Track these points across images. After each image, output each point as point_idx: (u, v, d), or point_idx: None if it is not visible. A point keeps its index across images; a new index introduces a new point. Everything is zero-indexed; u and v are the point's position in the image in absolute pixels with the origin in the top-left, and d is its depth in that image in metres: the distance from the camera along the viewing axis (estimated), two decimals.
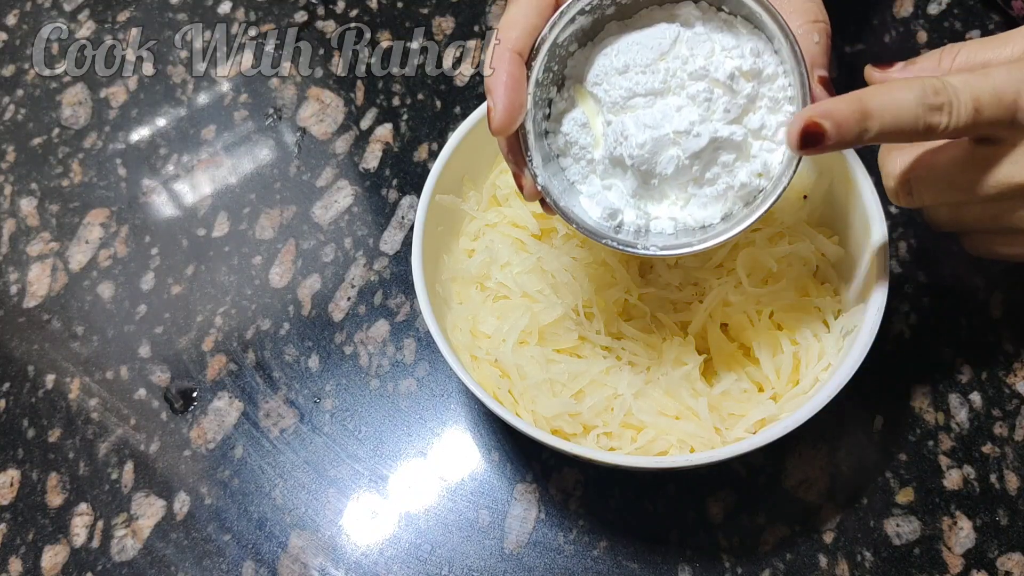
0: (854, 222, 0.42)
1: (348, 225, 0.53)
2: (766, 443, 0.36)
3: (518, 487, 0.45)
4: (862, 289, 0.40)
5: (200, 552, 0.45)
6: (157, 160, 0.56)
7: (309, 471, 0.46)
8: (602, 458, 0.37)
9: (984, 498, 0.43)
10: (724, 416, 0.40)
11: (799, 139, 0.32)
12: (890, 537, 0.42)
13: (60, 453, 0.48)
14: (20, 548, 0.46)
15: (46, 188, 0.56)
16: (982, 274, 0.48)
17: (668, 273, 0.46)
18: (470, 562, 0.43)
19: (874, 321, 0.38)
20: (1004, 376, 0.45)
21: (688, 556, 0.43)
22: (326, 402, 0.48)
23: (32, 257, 0.54)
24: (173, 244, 0.54)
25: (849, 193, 0.42)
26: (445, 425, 0.47)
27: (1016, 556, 0.42)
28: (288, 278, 0.52)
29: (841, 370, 0.37)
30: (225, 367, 0.50)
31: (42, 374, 0.51)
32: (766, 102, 0.36)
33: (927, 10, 0.56)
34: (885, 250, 0.39)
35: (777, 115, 0.36)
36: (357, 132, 0.56)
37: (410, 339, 0.49)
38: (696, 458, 0.37)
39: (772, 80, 0.35)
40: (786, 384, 0.41)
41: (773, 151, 0.36)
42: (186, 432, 0.48)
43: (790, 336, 0.41)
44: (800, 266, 0.43)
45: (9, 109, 0.59)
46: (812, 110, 0.33)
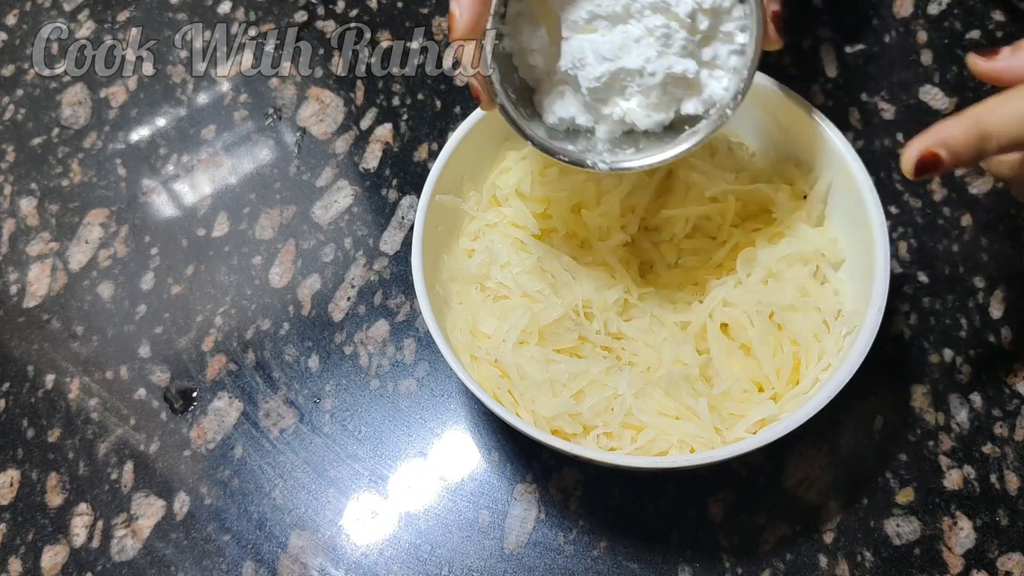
0: (854, 222, 0.42)
1: (348, 225, 0.53)
2: (766, 443, 0.36)
3: (518, 487, 0.45)
4: (862, 289, 0.40)
5: (200, 552, 0.45)
6: (157, 160, 0.56)
7: (309, 471, 0.46)
8: (602, 458, 0.37)
9: (984, 498, 0.43)
10: (724, 416, 0.40)
11: (915, 168, 0.32)
12: (890, 537, 0.42)
13: (60, 453, 0.48)
14: (20, 548, 0.46)
15: (46, 188, 0.56)
16: (982, 274, 0.48)
17: (668, 273, 0.46)
18: (470, 562, 0.43)
19: (874, 321, 0.38)
20: (1004, 376, 0.45)
21: (688, 556, 0.43)
22: (326, 402, 0.48)
23: (32, 257, 0.54)
24: (173, 244, 0.53)
25: (849, 193, 0.42)
26: (445, 425, 0.47)
27: (1016, 556, 0.42)
28: (288, 278, 0.52)
29: (841, 370, 0.37)
30: (225, 367, 0.50)
31: (42, 374, 0.51)
32: (720, 35, 0.37)
33: (927, 10, 0.56)
34: (885, 250, 0.39)
35: (730, 45, 0.37)
36: (357, 132, 0.56)
37: (410, 339, 0.49)
38: (696, 458, 0.37)
39: (728, 12, 0.36)
40: (786, 384, 0.41)
41: (720, 79, 0.38)
42: (186, 432, 0.48)
43: (790, 336, 0.41)
44: (800, 266, 0.43)
45: (9, 109, 0.59)
46: (928, 140, 0.32)
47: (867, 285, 0.39)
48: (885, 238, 0.40)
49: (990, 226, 0.49)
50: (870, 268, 0.39)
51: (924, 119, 0.52)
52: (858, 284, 0.41)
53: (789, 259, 0.43)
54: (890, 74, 0.54)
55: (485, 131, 0.45)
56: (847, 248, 0.43)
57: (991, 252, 0.48)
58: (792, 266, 0.43)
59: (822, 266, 0.43)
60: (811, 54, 0.55)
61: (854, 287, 0.42)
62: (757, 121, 0.45)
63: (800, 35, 0.55)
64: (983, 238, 0.49)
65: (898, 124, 0.52)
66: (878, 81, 0.53)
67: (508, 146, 0.47)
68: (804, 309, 0.42)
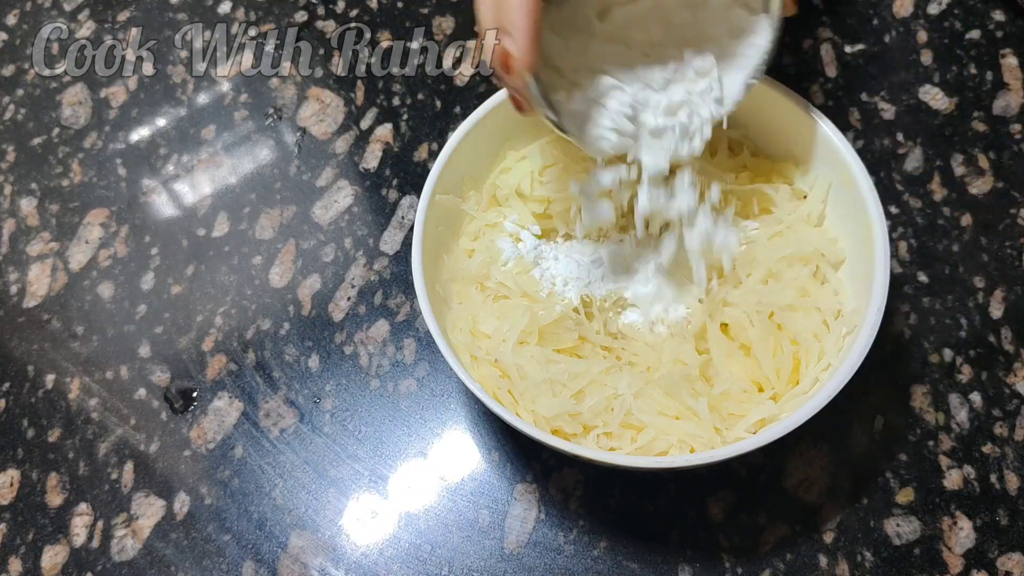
0: (854, 222, 0.42)
1: (348, 225, 0.53)
2: (766, 443, 0.36)
3: (518, 487, 0.45)
4: (862, 289, 0.40)
5: (200, 552, 0.45)
6: (157, 160, 0.56)
7: (309, 471, 0.46)
8: (602, 458, 0.37)
9: (984, 498, 0.43)
10: (724, 416, 0.40)
11: None
12: (890, 537, 0.42)
13: (60, 453, 0.48)
14: (20, 548, 0.46)
15: (46, 188, 0.56)
16: (982, 274, 0.48)
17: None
18: (470, 562, 0.43)
19: (874, 321, 0.38)
20: (1004, 376, 0.45)
21: (688, 556, 0.43)
22: (326, 402, 0.48)
23: (32, 257, 0.54)
24: (173, 244, 0.54)
25: (849, 192, 0.42)
26: (445, 425, 0.47)
27: (1016, 556, 0.42)
28: (288, 278, 0.52)
29: (841, 370, 0.37)
30: (225, 367, 0.50)
31: (42, 374, 0.51)
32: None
33: (927, 10, 0.56)
34: (885, 250, 0.39)
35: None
36: (357, 132, 0.56)
37: (410, 339, 0.49)
38: (696, 458, 0.37)
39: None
40: (786, 384, 0.41)
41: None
42: (186, 432, 0.48)
43: (790, 336, 0.41)
44: (800, 266, 0.43)
45: (9, 109, 0.59)
46: None
47: (867, 285, 0.39)
48: (885, 238, 0.40)
49: (990, 226, 0.49)
50: (870, 268, 0.39)
51: (924, 119, 0.52)
52: (858, 284, 0.41)
53: (789, 259, 0.43)
54: (890, 74, 0.54)
55: (485, 131, 0.45)
56: (847, 248, 0.43)
57: (991, 252, 0.48)
58: (792, 266, 0.43)
59: (822, 266, 0.43)
60: (811, 54, 0.55)
61: (854, 287, 0.42)
62: (757, 121, 0.45)
63: (800, 35, 0.55)
64: (983, 238, 0.49)
65: (898, 124, 0.52)
66: (878, 81, 0.53)
67: (508, 146, 0.47)
68: (804, 309, 0.42)
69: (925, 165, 0.51)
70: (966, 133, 0.51)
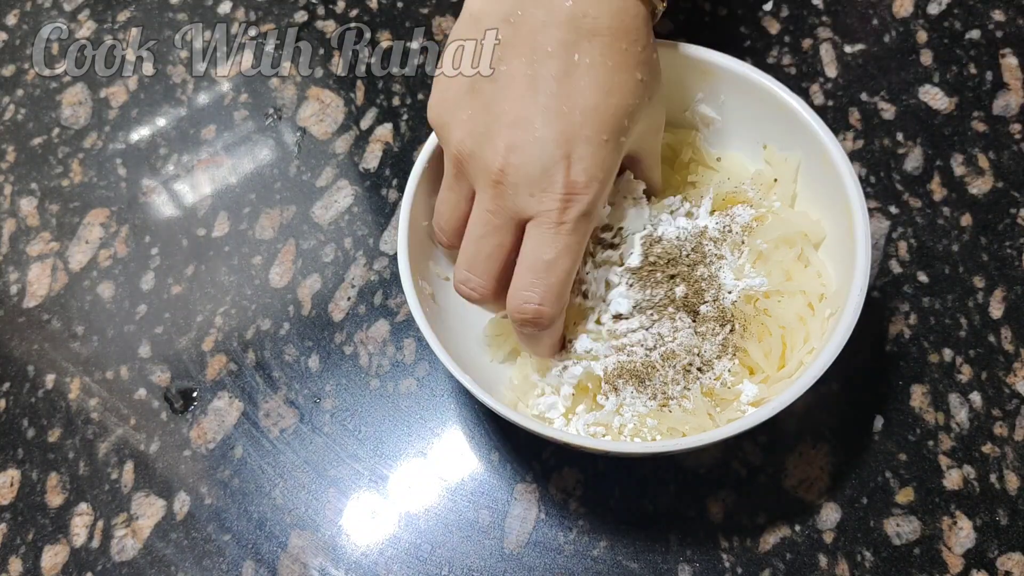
0: (834, 202, 0.41)
1: (348, 225, 0.53)
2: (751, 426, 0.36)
3: (518, 487, 0.45)
4: (844, 269, 0.40)
5: (200, 552, 0.45)
6: (157, 160, 0.56)
7: (309, 471, 0.46)
8: (593, 444, 0.37)
9: (984, 498, 0.43)
10: (716, 401, 0.40)
11: None
12: (890, 537, 0.42)
13: (60, 453, 0.48)
14: (20, 548, 0.46)
15: (46, 188, 0.56)
16: (982, 274, 0.48)
17: None
18: (470, 562, 0.43)
19: (857, 303, 0.37)
20: (1004, 376, 0.45)
21: (688, 556, 0.43)
22: (326, 402, 0.48)
23: (32, 257, 0.54)
24: (173, 244, 0.54)
25: (827, 173, 0.41)
26: (445, 425, 0.47)
27: (1016, 556, 0.42)
28: (288, 278, 0.52)
29: (824, 352, 0.37)
30: (225, 367, 0.50)
31: (42, 374, 0.51)
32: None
33: (927, 10, 0.56)
34: (866, 229, 0.38)
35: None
36: (357, 132, 0.56)
37: (410, 339, 0.49)
38: (686, 442, 0.36)
39: None
40: (776, 368, 0.40)
41: None
42: (186, 432, 0.48)
43: (776, 320, 0.41)
44: (786, 248, 0.42)
45: (9, 109, 0.59)
46: None
47: (848, 262, 0.39)
48: (866, 217, 0.39)
49: (990, 226, 0.49)
50: (851, 247, 0.39)
51: (924, 119, 0.52)
52: (839, 264, 0.41)
53: (776, 242, 0.42)
54: (890, 74, 0.54)
55: None
56: (829, 229, 0.42)
57: (991, 252, 0.48)
58: (778, 248, 0.42)
59: (805, 248, 0.43)
60: (811, 54, 0.55)
61: (835, 267, 0.41)
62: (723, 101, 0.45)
63: (800, 35, 0.55)
64: (983, 238, 0.49)
65: (898, 124, 0.52)
66: (878, 81, 0.53)
67: None
68: (789, 293, 0.41)
69: (925, 165, 0.51)
70: (966, 133, 0.51)
